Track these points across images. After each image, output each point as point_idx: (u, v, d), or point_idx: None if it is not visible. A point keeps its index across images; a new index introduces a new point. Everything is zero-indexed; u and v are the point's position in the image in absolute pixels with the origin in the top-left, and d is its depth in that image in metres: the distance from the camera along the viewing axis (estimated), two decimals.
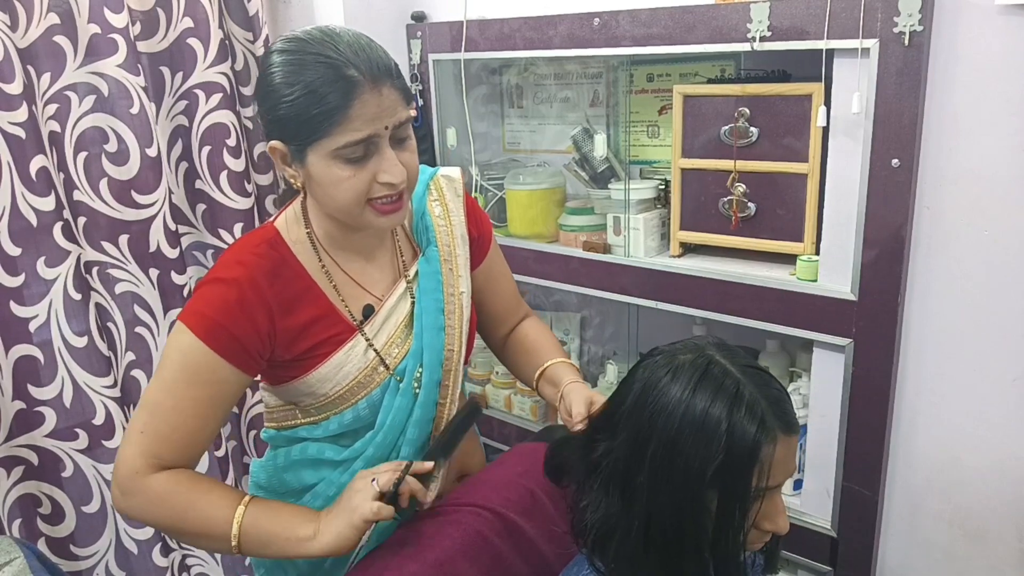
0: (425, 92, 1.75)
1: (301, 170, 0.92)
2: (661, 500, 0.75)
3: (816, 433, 1.33)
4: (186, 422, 0.92)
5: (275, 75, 0.87)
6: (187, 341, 0.91)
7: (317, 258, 0.99)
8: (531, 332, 1.20)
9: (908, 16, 1.09)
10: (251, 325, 0.92)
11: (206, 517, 0.90)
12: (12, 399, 1.43)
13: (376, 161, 0.89)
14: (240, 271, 0.94)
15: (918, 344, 1.27)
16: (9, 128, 1.35)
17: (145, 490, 0.91)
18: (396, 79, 0.89)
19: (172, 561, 1.68)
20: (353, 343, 0.99)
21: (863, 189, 1.18)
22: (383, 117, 0.87)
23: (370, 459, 1.01)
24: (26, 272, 1.42)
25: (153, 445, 0.91)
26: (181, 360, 0.92)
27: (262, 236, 0.99)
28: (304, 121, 0.86)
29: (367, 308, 1.01)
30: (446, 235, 1.08)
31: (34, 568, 1.03)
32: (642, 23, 1.35)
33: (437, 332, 1.03)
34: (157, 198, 1.55)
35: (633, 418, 0.79)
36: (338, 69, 0.85)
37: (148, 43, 1.54)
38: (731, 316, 1.36)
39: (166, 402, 0.92)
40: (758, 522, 0.77)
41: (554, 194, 1.68)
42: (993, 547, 1.29)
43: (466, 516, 1.01)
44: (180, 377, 0.92)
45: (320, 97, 0.84)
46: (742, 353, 0.81)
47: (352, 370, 0.99)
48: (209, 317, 0.91)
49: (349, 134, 0.86)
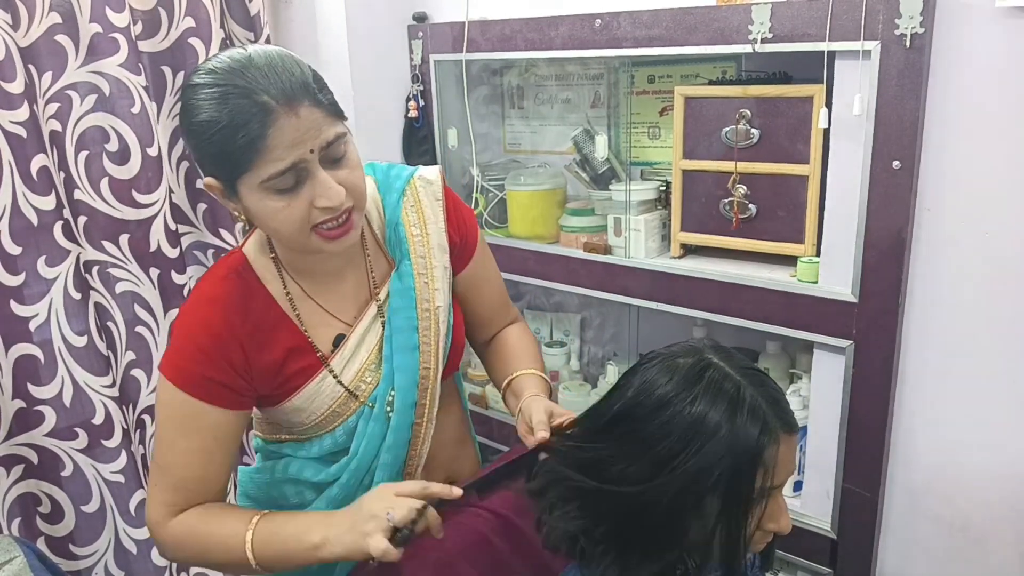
0: (426, 93, 1.75)
1: (239, 204, 0.88)
2: (661, 506, 0.75)
3: (816, 434, 1.33)
4: (190, 471, 0.93)
5: (193, 110, 0.82)
6: (169, 393, 0.92)
7: (283, 285, 0.96)
8: (510, 339, 1.15)
9: (909, 18, 1.09)
10: (228, 365, 0.91)
11: (225, 548, 0.91)
12: (12, 398, 1.43)
13: (310, 187, 0.83)
14: (209, 310, 0.92)
15: (918, 346, 1.27)
16: (10, 127, 1.35)
17: (170, 536, 0.93)
18: (318, 94, 0.83)
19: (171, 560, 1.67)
20: (322, 376, 0.97)
21: (864, 191, 1.18)
22: (306, 141, 0.81)
23: (345, 485, 1.00)
24: (26, 271, 1.41)
25: (166, 495, 0.93)
26: (168, 413, 0.93)
27: (230, 264, 0.96)
28: (226, 156, 0.81)
29: (337, 337, 0.98)
30: (421, 246, 1.02)
31: (33, 567, 1.03)
32: (643, 24, 1.35)
33: (410, 352, 0.99)
34: (158, 198, 1.55)
35: (630, 423, 0.78)
36: (248, 97, 0.79)
37: (149, 43, 1.54)
38: (731, 317, 1.36)
39: (167, 456, 0.93)
40: (762, 523, 0.77)
41: (555, 195, 1.68)
42: (993, 549, 1.29)
43: (466, 516, 1.01)
44: (171, 429, 0.93)
45: (235, 129, 0.79)
46: (739, 355, 0.81)
47: (325, 401, 0.98)
48: (184, 367, 0.91)
49: (271, 164, 0.80)
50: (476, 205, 1.75)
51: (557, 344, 1.84)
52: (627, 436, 0.78)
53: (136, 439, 1.59)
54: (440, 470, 1.11)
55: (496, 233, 1.74)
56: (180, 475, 0.93)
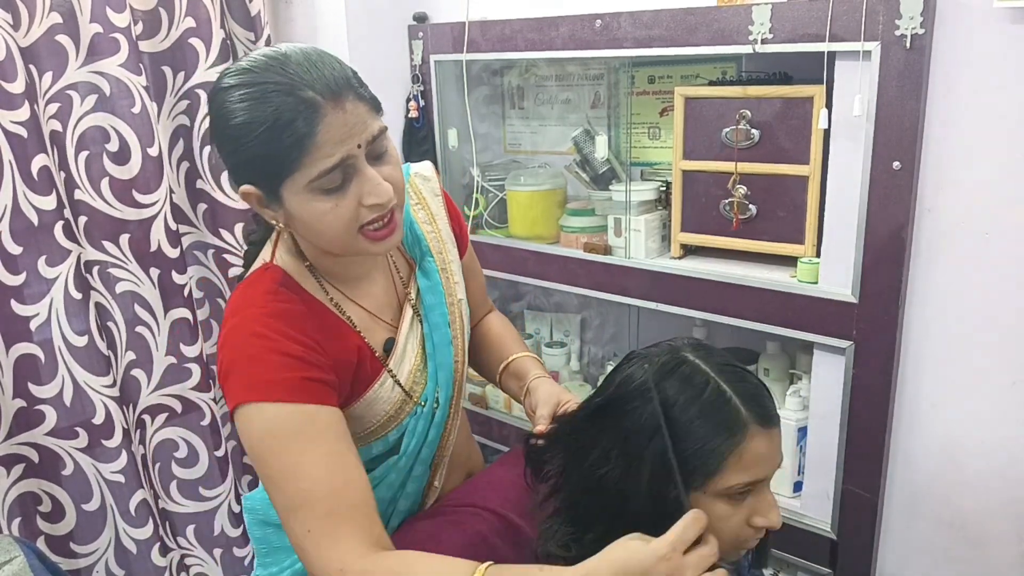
0: (427, 93, 1.75)
1: (280, 210, 0.83)
2: (638, 499, 0.76)
3: (816, 435, 1.33)
4: (331, 487, 0.79)
5: (228, 115, 0.78)
6: (267, 417, 0.80)
7: (324, 291, 0.92)
8: (494, 327, 1.16)
9: (910, 19, 1.09)
10: (318, 365, 0.84)
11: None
12: (12, 397, 1.43)
13: (357, 184, 0.81)
14: (279, 323, 0.84)
15: (918, 346, 1.27)
16: (11, 127, 1.35)
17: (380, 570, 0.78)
18: (358, 88, 0.81)
19: (171, 560, 1.68)
20: (382, 380, 0.94)
21: (864, 191, 1.18)
22: (353, 136, 0.79)
23: (391, 485, 0.99)
24: (27, 271, 1.42)
25: (326, 528, 0.78)
26: (276, 439, 0.80)
27: (272, 279, 0.89)
28: (270, 158, 0.78)
29: (388, 342, 0.97)
30: (436, 242, 1.03)
31: (34, 566, 1.03)
32: (644, 25, 1.35)
33: (447, 347, 1.00)
34: (158, 198, 1.55)
35: (607, 418, 0.80)
36: (294, 95, 0.76)
37: (150, 43, 1.54)
38: (731, 318, 1.36)
39: (299, 486, 0.79)
40: (751, 519, 0.78)
41: (555, 195, 1.68)
42: (993, 550, 1.29)
43: (466, 516, 1.01)
44: (290, 454, 0.80)
45: (281, 129, 0.76)
46: (718, 352, 0.82)
47: (384, 406, 0.95)
48: (275, 380, 0.81)
49: (320, 162, 0.77)
50: (476, 205, 1.76)
51: (557, 344, 1.84)
52: (605, 430, 0.80)
53: (136, 439, 1.59)
54: (461, 467, 1.13)
55: (496, 233, 1.74)
56: (324, 493, 0.79)
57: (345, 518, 0.78)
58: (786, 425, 1.36)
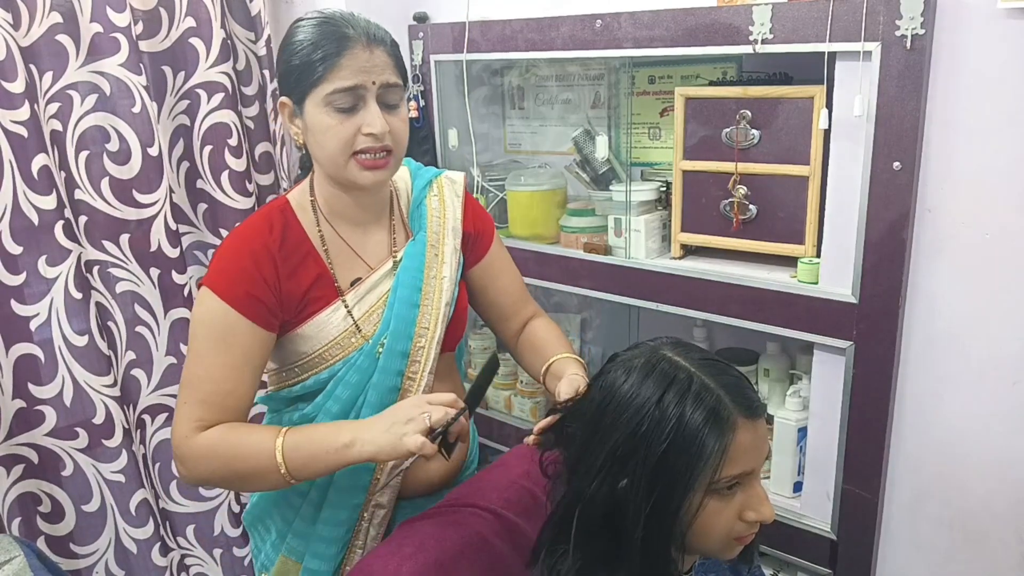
0: (427, 93, 1.75)
1: (302, 123, 1.02)
2: (626, 502, 0.76)
3: (816, 435, 1.33)
4: (221, 385, 0.99)
5: (291, 35, 1.00)
6: (210, 305, 0.99)
7: (316, 224, 1.07)
8: (540, 330, 1.24)
9: (910, 19, 1.09)
10: (264, 283, 1.01)
11: (253, 456, 0.96)
12: (12, 397, 1.43)
13: (362, 115, 0.98)
14: (251, 235, 1.03)
15: (918, 347, 1.27)
16: (11, 127, 1.35)
17: (195, 450, 0.98)
18: (391, 48, 1.01)
19: (171, 560, 1.68)
20: (335, 307, 1.06)
21: (864, 192, 1.18)
22: (371, 72, 0.97)
23: (334, 416, 1.07)
24: (27, 271, 1.42)
25: (194, 411, 0.99)
26: (206, 326, 1.00)
27: (275, 204, 1.09)
28: (304, 68, 0.97)
29: (355, 280, 1.09)
30: (437, 224, 1.16)
31: (34, 567, 1.04)
32: (644, 25, 1.35)
33: (410, 308, 1.10)
34: (158, 197, 1.55)
35: (591, 422, 0.80)
36: (338, 27, 0.97)
37: (150, 42, 1.54)
38: (732, 318, 1.36)
39: (198, 370, 1.00)
40: (743, 513, 0.77)
41: (555, 195, 1.68)
42: (993, 551, 1.29)
43: (466, 517, 1.02)
44: (207, 343, 0.99)
45: (317, 47, 0.96)
46: (698, 348, 0.83)
47: (332, 332, 1.06)
48: (228, 281, 0.99)
49: (338, 81, 0.96)
50: None
51: None
52: (588, 434, 0.80)
53: (137, 439, 1.59)
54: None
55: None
56: (210, 389, 0.99)
57: (213, 409, 0.99)
58: (786, 425, 1.36)
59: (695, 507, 0.75)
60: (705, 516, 0.76)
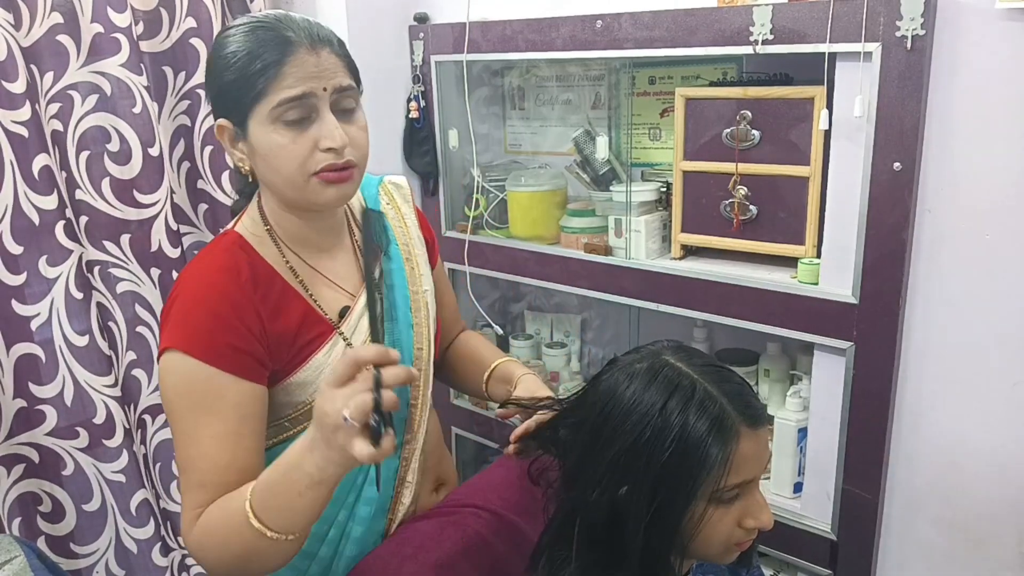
0: (427, 93, 1.75)
1: (246, 147, 0.90)
2: (628, 511, 0.76)
3: (816, 436, 1.33)
4: (216, 461, 0.84)
5: (219, 47, 0.88)
6: (184, 370, 0.84)
7: (281, 255, 0.95)
8: (471, 341, 1.20)
9: (910, 20, 1.09)
10: (248, 331, 0.87)
11: (237, 530, 0.80)
12: (13, 397, 1.43)
13: (317, 127, 0.86)
14: (221, 277, 0.89)
15: (919, 347, 1.27)
16: (12, 127, 1.35)
17: (193, 542, 0.85)
18: (339, 48, 0.89)
19: (172, 560, 1.68)
20: (333, 342, 0.95)
21: (864, 192, 1.18)
22: (321, 77, 0.86)
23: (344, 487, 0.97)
24: (28, 271, 1.42)
25: (195, 497, 0.85)
26: (186, 396, 0.85)
27: (226, 242, 0.94)
28: (242, 83, 0.85)
29: (343, 309, 0.98)
30: (403, 235, 1.07)
31: (34, 566, 1.03)
32: (644, 25, 1.35)
33: (407, 329, 1.02)
34: (159, 198, 1.55)
35: (592, 429, 0.80)
36: (276, 31, 0.85)
37: (151, 43, 1.54)
38: (732, 319, 1.36)
39: (190, 452, 0.85)
40: (742, 520, 0.77)
41: (555, 196, 1.68)
42: (993, 551, 1.29)
43: (466, 517, 1.01)
44: (192, 415, 0.85)
45: (255, 56, 0.84)
46: (701, 353, 0.82)
47: None
48: (202, 336, 0.84)
49: (284, 91, 0.84)
50: (477, 206, 1.76)
51: (557, 345, 1.84)
52: (589, 439, 0.80)
53: (137, 439, 1.59)
54: (431, 471, 1.12)
55: (497, 234, 1.75)
56: (206, 468, 0.84)
57: (215, 490, 0.84)
58: (786, 426, 1.36)
59: (696, 516, 0.75)
60: (705, 524, 0.76)
